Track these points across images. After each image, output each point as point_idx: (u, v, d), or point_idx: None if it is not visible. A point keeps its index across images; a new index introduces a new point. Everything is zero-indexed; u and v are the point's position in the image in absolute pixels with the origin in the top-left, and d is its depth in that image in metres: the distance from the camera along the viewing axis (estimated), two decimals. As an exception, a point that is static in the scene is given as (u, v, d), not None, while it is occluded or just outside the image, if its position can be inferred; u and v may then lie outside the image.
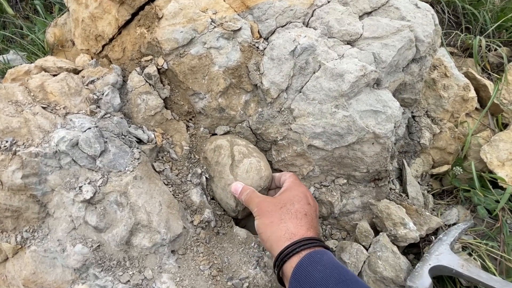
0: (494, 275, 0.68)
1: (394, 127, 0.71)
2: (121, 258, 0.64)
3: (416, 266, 0.69)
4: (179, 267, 0.66)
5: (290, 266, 0.57)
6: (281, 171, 0.82)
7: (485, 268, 0.70)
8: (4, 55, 1.08)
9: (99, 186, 0.65)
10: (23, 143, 0.66)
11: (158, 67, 0.78)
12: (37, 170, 0.64)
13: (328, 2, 0.78)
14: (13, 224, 0.67)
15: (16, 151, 0.65)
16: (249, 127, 0.81)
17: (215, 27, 0.75)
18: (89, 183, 0.65)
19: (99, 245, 0.64)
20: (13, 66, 1.03)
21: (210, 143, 0.79)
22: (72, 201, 0.64)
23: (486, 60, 1.11)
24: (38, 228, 0.67)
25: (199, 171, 0.79)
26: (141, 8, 0.79)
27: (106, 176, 0.66)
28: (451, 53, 1.17)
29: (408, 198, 0.84)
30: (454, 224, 0.81)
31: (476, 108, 0.95)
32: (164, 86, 0.80)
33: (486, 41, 1.10)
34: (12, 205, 0.65)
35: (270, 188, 0.78)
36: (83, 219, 0.64)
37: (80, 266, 0.63)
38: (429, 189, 0.95)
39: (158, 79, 0.79)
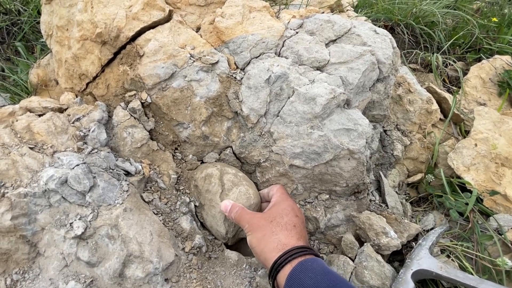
0: (471, 274, 0.73)
1: (366, 142, 0.77)
2: (115, 291, 0.65)
3: (400, 272, 0.73)
4: (173, 294, 0.67)
5: (283, 274, 0.60)
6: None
7: (462, 268, 0.75)
8: (-14, 98, 1.09)
9: (89, 221, 0.66)
10: (12, 184, 0.67)
11: (142, 101, 0.82)
12: (27, 210, 0.65)
13: (297, 33, 0.86)
14: (2, 268, 0.67)
15: (4, 193, 0.66)
16: (233, 153, 0.85)
17: (194, 61, 0.80)
18: (79, 219, 0.66)
19: (92, 280, 0.64)
20: (-4, 108, 1.04)
21: (201, 171, 0.82)
22: (63, 238, 0.65)
23: (445, 75, 1.22)
24: (28, 269, 0.67)
25: (188, 199, 0.81)
26: (123, 47, 0.84)
27: (96, 211, 0.68)
28: (414, 70, 1.28)
29: (388, 208, 0.89)
30: (432, 229, 0.86)
31: (440, 119, 1.04)
32: (148, 118, 0.84)
33: (443, 57, 1.21)
34: (1, 248, 0.65)
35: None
36: (75, 255, 0.65)
37: (73, 304, 0.63)
38: (407, 197, 1.00)
39: (143, 113, 0.83)
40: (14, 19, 1.33)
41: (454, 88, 1.19)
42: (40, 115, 0.82)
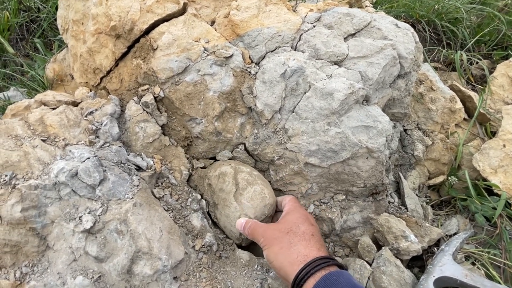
0: (499, 283, 0.67)
1: (386, 140, 0.73)
2: (123, 287, 0.63)
3: (421, 278, 0.69)
4: (182, 294, 0.65)
5: None
6: (280, 190, 0.83)
7: (489, 276, 0.70)
8: (4, 92, 1.10)
9: (99, 215, 0.65)
10: (23, 176, 0.67)
11: (155, 96, 0.81)
12: (37, 203, 0.65)
13: (314, 26, 0.83)
14: (12, 260, 0.66)
15: (15, 185, 0.65)
16: (245, 150, 0.83)
17: (208, 55, 0.78)
18: (89, 213, 0.65)
19: (100, 276, 0.63)
20: (14, 103, 1.05)
21: (214, 169, 0.80)
22: (72, 232, 0.64)
23: (469, 73, 1.16)
24: (37, 262, 0.66)
25: (199, 196, 0.79)
26: (137, 40, 0.83)
27: (105, 205, 0.66)
28: (436, 68, 1.22)
29: (407, 211, 0.85)
30: (455, 234, 0.81)
31: (464, 119, 0.98)
32: (161, 113, 0.83)
33: (467, 55, 1.15)
34: (11, 240, 0.65)
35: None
36: (83, 250, 0.63)
37: (81, 299, 0.62)
38: (428, 200, 0.95)
39: (155, 107, 0.82)
40: (33, 16, 1.35)
41: (479, 86, 1.13)
42: (54, 109, 0.82)
